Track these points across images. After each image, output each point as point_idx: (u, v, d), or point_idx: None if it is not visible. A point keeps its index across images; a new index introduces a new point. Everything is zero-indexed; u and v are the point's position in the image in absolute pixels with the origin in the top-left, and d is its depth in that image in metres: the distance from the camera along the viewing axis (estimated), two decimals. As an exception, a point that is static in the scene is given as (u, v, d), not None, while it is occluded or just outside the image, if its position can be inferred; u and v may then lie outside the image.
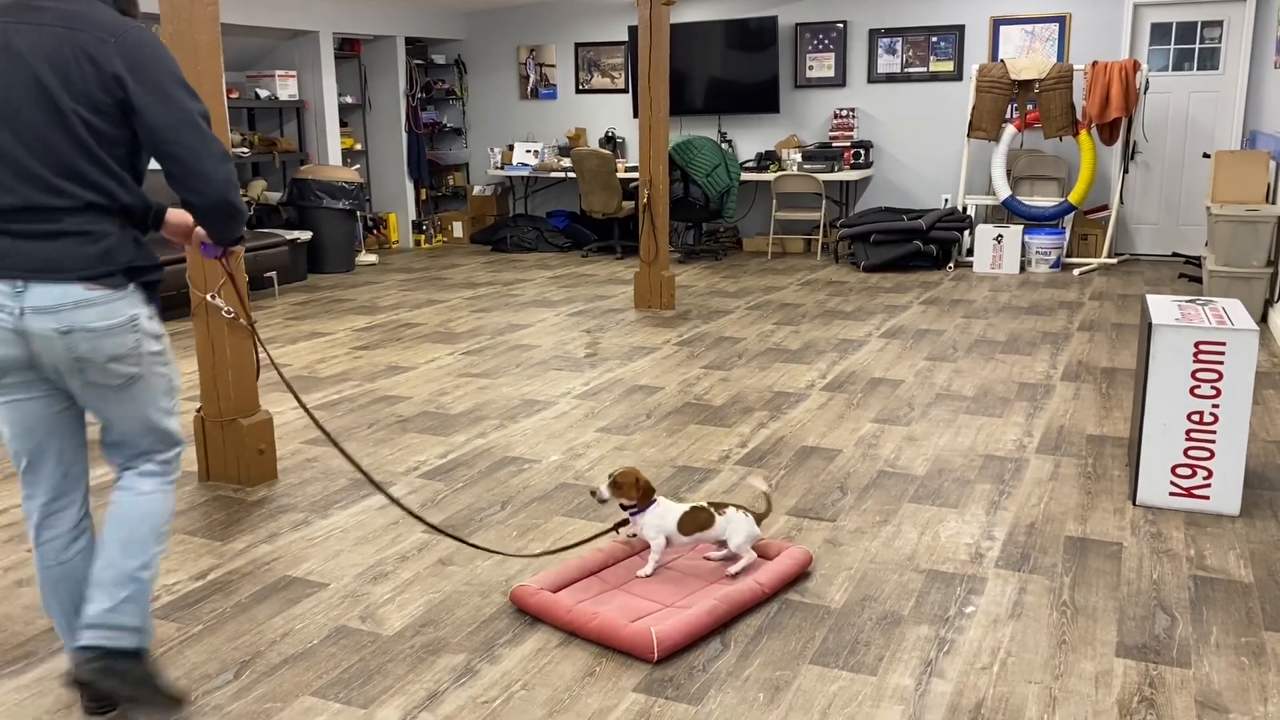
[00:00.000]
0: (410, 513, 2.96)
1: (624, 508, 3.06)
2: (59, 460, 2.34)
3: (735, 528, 2.99)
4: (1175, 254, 8.70)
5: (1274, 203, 6.49)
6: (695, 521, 3.00)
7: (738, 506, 3.03)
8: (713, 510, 3.01)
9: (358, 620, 2.86)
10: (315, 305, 7.51)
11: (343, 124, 9.97)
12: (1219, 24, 8.36)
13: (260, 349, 2.93)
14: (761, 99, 9.66)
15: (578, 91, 10.56)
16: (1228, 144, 8.42)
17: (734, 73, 9.71)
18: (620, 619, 2.72)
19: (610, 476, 3.03)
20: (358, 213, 9.16)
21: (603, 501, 3.05)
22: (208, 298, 3.72)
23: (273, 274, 7.82)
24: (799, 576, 3.05)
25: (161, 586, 3.07)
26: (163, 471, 2.42)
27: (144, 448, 2.38)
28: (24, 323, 2.15)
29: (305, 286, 8.32)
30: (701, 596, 2.87)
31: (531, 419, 4.67)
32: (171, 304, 7.51)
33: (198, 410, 3.90)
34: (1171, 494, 3.51)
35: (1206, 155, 7.65)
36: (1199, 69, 8.49)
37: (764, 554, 3.11)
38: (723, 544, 3.04)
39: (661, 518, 3.02)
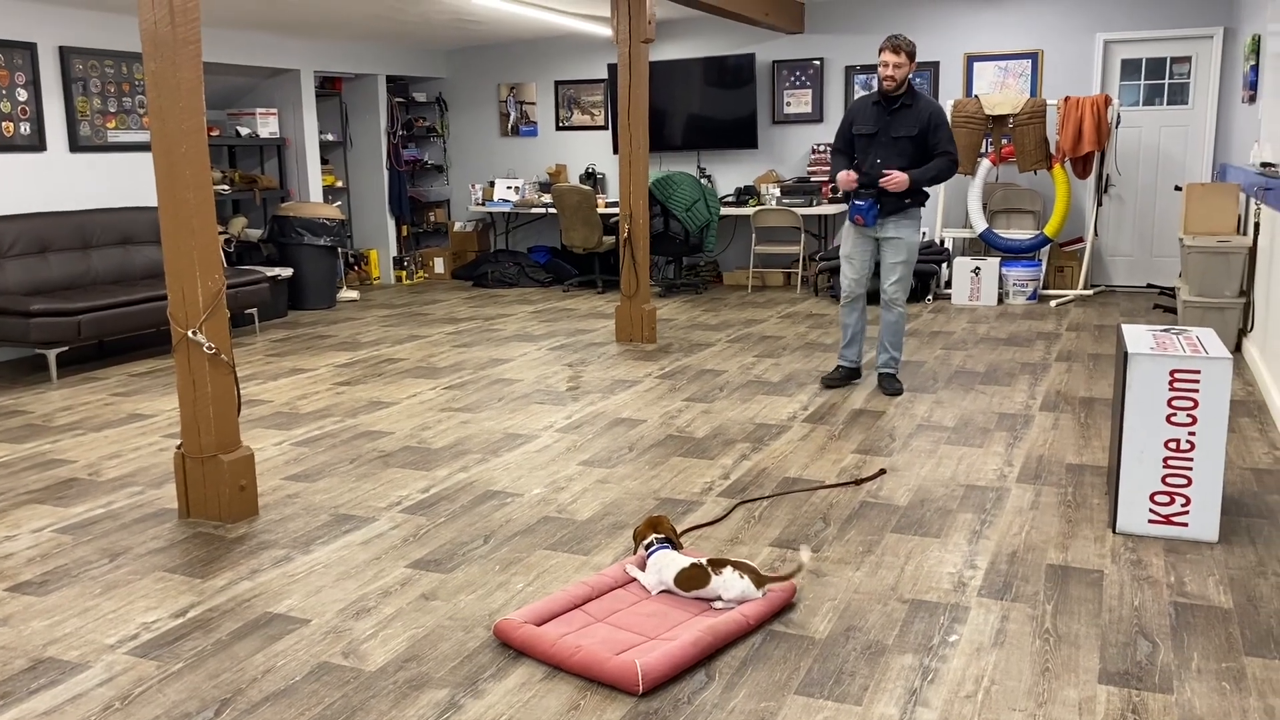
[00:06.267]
0: None
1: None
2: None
3: (728, 587, 3.02)
4: (1150, 285, 8.81)
5: (1244, 234, 6.59)
6: (691, 579, 3.08)
7: (735, 565, 3.05)
8: (709, 570, 3.06)
9: (340, 656, 2.83)
10: (296, 341, 7.49)
11: (324, 161, 10.01)
12: (1187, 60, 8.52)
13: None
14: (740, 135, 9.77)
15: (558, 128, 10.65)
16: (1198, 176, 8.56)
17: (713, 109, 9.82)
18: (604, 652, 2.71)
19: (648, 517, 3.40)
20: (339, 249, 9.17)
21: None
22: (189, 334, 3.72)
23: (253, 311, 7.80)
24: (783, 607, 3.05)
25: (140, 625, 3.04)
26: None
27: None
28: None
29: (286, 323, 8.30)
30: (686, 628, 2.87)
31: (514, 453, 4.67)
32: (152, 340, 7.48)
33: (178, 447, 3.88)
34: (1150, 521, 3.54)
35: (1178, 188, 7.77)
36: (1169, 104, 8.64)
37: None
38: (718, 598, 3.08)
39: (660, 571, 3.14)
